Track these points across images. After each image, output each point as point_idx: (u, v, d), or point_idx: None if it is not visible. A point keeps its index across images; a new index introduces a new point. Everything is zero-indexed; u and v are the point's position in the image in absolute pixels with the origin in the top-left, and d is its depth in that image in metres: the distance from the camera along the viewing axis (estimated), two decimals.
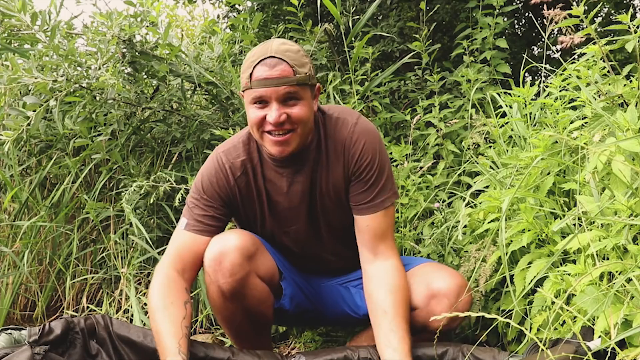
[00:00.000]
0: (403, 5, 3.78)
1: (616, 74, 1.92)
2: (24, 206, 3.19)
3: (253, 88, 1.59)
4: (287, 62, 1.57)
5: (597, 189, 1.59)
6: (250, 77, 1.59)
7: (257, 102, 1.61)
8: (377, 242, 1.74)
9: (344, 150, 1.74)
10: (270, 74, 1.56)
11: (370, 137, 1.75)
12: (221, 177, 1.76)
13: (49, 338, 1.59)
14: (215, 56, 3.22)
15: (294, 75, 1.58)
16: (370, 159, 1.73)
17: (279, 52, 1.58)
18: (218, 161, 1.78)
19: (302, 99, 1.61)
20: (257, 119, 1.62)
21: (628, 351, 1.21)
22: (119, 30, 2.81)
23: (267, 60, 1.57)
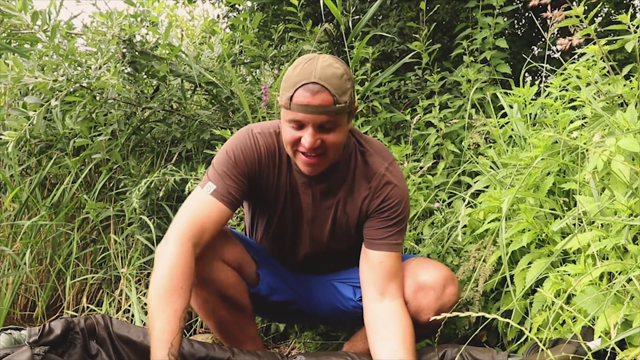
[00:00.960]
0: (403, 5, 3.78)
1: (616, 74, 1.92)
2: (24, 206, 3.19)
3: (292, 110, 1.56)
4: (330, 90, 1.54)
5: (597, 189, 1.59)
6: (290, 99, 1.56)
7: (293, 123, 1.59)
8: (388, 281, 1.71)
9: (371, 187, 1.73)
10: (310, 101, 1.53)
11: (399, 182, 1.75)
12: (254, 155, 1.71)
13: (49, 338, 1.59)
14: (215, 56, 3.22)
15: (334, 105, 1.55)
16: (398, 202, 1.73)
17: (323, 78, 1.54)
18: (253, 139, 1.73)
19: (338, 126, 1.60)
20: (292, 139, 1.61)
21: (628, 351, 1.21)
22: (119, 30, 2.81)
23: (310, 85, 1.53)
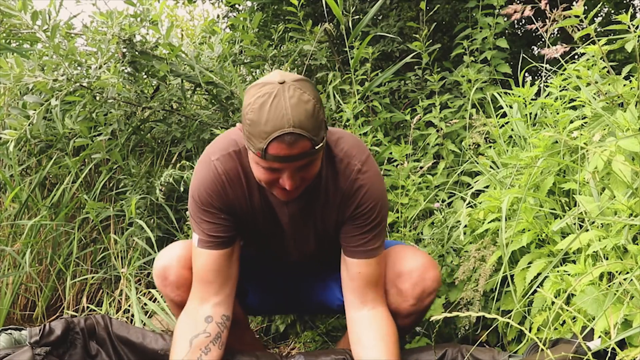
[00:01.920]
0: (403, 5, 3.78)
1: (617, 74, 1.92)
2: (24, 206, 3.19)
3: (267, 160, 1.43)
4: (306, 137, 1.40)
5: (597, 189, 1.59)
6: (264, 151, 1.41)
7: (269, 169, 1.47)
8: (368, 290, 1.67)
9: (343, 195, 1.64)
10: (288, 152, 1.40)
11: (372, 185, 1.64)
12: (218, 188, 1.61)
13: (49, 339, 1.59)
14: (215, 56, 3.22)
15: (312, 147, 1.43)
16: (371, 207, 1.63)
17: (297, 124, 1.37)
18: (213, 170, 1.61)
19: (316, 160, 1.50)
20: (269, 180, 1.50)
21: (628, 351, 1.21)
22: (119, 29, 2.81)
23: (286, 137, 1.38)
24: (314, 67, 3.52)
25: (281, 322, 2.52)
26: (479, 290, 1.91)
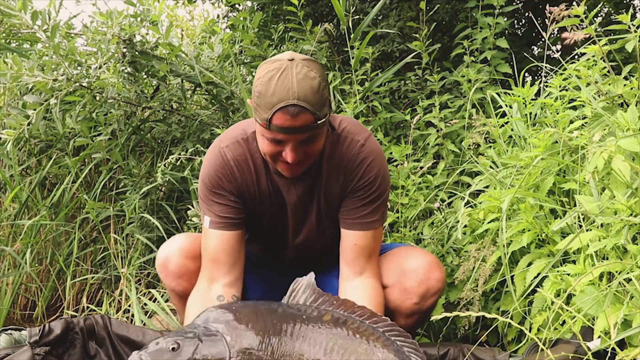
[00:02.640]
0: (403, 5, 3.78)
1: (617, 74, 1.92)
2: (24, 206, 3.19)
3: (271, 130, 1.50)
4: (309, 110, 1.47)
5: (597, 189, 1.59)
6: (269, 121, 1.49)
7: (273, 141, 1.54)
8: (362, 261, 1.71)
9: (346, 171, 1.69)
10: (291, 123, 1.48)
11: (375, 158, 1.69)
12: (227, 172, 1.68)
13: (49, 338, 1.59)
14: (215, 56, 3.22)
15: (315, 121, 1.50)
16: (372, 180, 1.68)
17: (302, 97, 1.46)
18: (222, 157, 1.69)
19: (319, 136, 1.57)
20: (273, 153, 1.56)
21: (628, 351, 1.21)
22: (119, 29, 2.81)
23: (290, 108, 1.46)
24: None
25: None
26: (479, 290, 1.91)
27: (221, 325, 1.43)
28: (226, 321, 1.43)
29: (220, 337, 1.40)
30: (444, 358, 1.63)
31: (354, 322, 1.48)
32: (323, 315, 1.48)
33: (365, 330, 1.47)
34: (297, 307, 1.49)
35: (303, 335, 1.43)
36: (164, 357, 1.35)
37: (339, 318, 1.47)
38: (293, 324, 1.45)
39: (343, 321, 1.47)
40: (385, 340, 1.46)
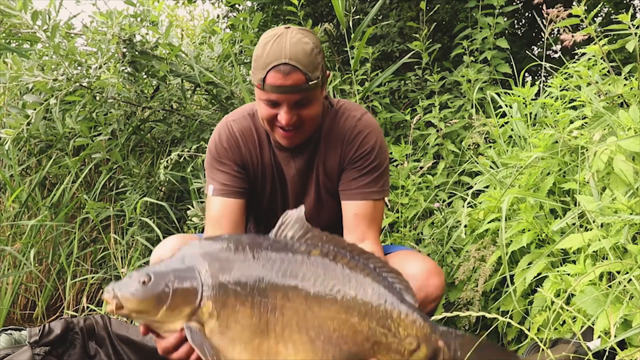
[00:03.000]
0: (403, 5, 3.78)
1: (617, 74, 1.92)
2: (24, 206, 3.19)
3: (266, 91, 1.61)
4: (301, 69, 1.57)
5: (597, 188, 1.59)
6: (263, 80, 1.60)
7: (268, 103, 1.64)
8: (363, 229, 1.73)
9: (343, 142, 1.76)
10: (283, 82, 1.58)
11: (372, 130, 1.77)
12: (232, 144, 1.78)
13: (49, 338, 1.59)
14: (215, 56, 3.22)
15: (307, 82, 1.59)
16: (369, 150, 1.75)
17: (293, 58, 1.57)
18: (229, 129, 1.80)
19: (312, 100, 1.64)
20: (269, 116, 1.65)
21: (628, 351, 1.21)
22: (119, 29, 2.81)
23: (281, 67, 1.57)
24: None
25: None
26: (479, 290, 1.91)
27: (197, 259, 1.36)
28: (202, 254, 1.36)
29: (194, 270, 1.34)
30: None
31: (343, 257, 1.41)
32: (311, 249, 1.40)
33: (356, 266, 1.40)
34: (284, 241, 1.41)
35: (288, 270, 1.36)
36: (134, 289, 1.30)
37: (328, 253, 1.40)
38: (278, 258, 1.37)
39: (333, 256, 1.40)
40: (376, 276, 1.40)
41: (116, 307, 1.32)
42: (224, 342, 1.33)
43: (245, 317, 1.32)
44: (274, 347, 1.33)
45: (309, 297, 1.35)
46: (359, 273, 1.40)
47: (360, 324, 1.36)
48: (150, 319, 1.34)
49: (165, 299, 1.31)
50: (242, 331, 1.33)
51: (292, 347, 1.33)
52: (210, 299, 1.32)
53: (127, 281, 1.34)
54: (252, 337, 1.33)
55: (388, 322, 1.37)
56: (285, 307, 1.34)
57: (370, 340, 1.37)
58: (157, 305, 1.31)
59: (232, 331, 1.33)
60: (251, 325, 1.32)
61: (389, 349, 1.38)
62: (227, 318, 1.32)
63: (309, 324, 1.34)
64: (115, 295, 1.32)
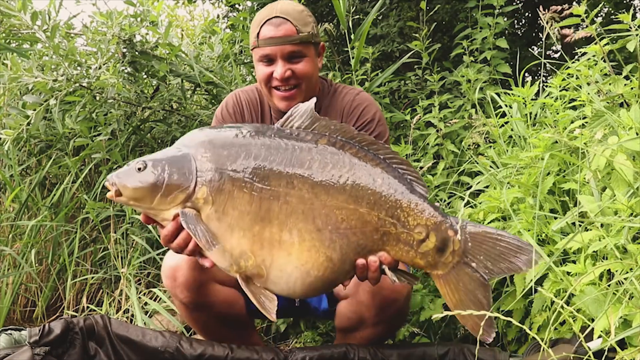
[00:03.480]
0: (403, 5, 3.78)
1: (617, 74, 1.92)
2: (24, 206, 3.19)
3: (260, 47, 1.71)
4: (291, 21, 1.70)
5: (597, 188, 1.58)
6: (257, 36, 1.71)
7: (264, 59, 1.72)
8: None
9: (343, 115, 1.82)
10: (275, 33, 1.69)
11: (371, 103, 1.84)
12: (237, 109, 1.87)
13: (48, 338, 1.59)
14: (215, 56, 3.22)
15: (297, 34, 1.70)
16: (370, 120, 1.81)
17: (284, 12, 1.70)
18: (237, 97, 1.90)
19: (306, 56, 1.73)
20: (265, 75, 1.73)
21: (628, 351, 1.21)
22: (119, 30, 2.81)
23: (273, 20, 1.70)
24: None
25: (282, 322, 2.52)
26: None
27: (194, 146, 1.35)
28: (200, 142, 1.35)
29: (189, 157, 1.33)
30: (444, 358, 1.63)
31: (352, 147, 1.38)
32: (318, 139, 1.37)
33: (365, 156, 1.37)
34: (290, 130, 1.38)
35: (293, 158, 1.33)
36: (130, 176, 1.32)
37: (335, 142, 1.37)
38: (282, 145, 1.34)
39: (340, 145, 1.37)
40: (386, 166, 1.37)
41: (115, 194, 1.35)
42: (221, 228, 1.31)
43: (243, 203, 1.30)
44: (276, 234, 1.30)
45: (315, 186, 1.31)
46: (368, 163, 1.37)
47: (369, 214, 1.33)
48: (147, 207, 1.34)
49: (159, 185, 1.31)
50: (241, 217, 1.30)
51: (297, 235, 1.30)
52: (204, 185, 1.31)
53: (126, 169, 1.36)
54: (251, 224, 1.30)
55: (397, 212, 1.34)
56: (290, 194, 1.30)
57: (379, 231, 1.34)
58: (151, 192, 1.32)
59: (230, 217, 1.30)
60: (250, 212, 1.30)
61: (397, 239, 1.35)
62: (223, 204, 1.30)
63: (315, 212, 1.31)
64: (114, 183, 1.34)
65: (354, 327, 1.75)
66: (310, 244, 1.30)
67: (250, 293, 1.33)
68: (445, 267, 1.36)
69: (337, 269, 1.34)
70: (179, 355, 1.63)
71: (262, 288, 1.34)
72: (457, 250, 1.35)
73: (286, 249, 1.30)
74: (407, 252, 1.36)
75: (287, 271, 1.32)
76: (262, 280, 1.34)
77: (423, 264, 1.37)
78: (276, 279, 1.33)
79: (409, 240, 1.35)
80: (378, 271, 1.37)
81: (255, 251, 1.30)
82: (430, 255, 1.35)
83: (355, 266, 1.36)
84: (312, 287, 1.35)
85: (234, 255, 1.31)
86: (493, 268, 1.34)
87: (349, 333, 1.78)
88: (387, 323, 1.75)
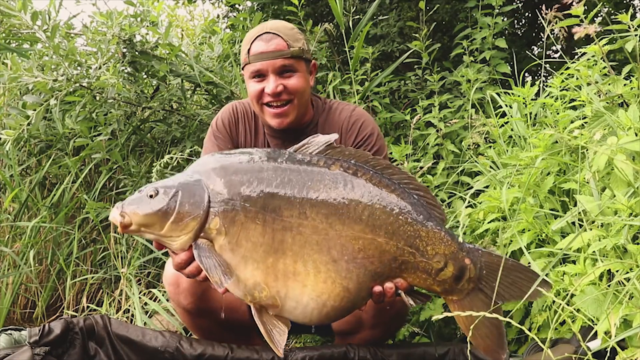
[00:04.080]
0: (403, 5, 3.78)
1: (617, 74, 1.92)
2: (23, 206, 3.19)
3: (251, 63, 1.71)
4: (282, 37, 1.70)
5: (597, 188, 1.58)
6: (248, 52, 1.71)
7: (255, 76, 1.72)
8: None
9: (342, 131, 1.81)
10: (266, 48, 1.69)
11: (367, 119, 1.84)
12: (232, 121, 1.87)
13: (48, 338, 1.59)
14: (215, 56, 3.22)
15: (288, 48, 1.70)
16: (369, 134, 1.80)
17: (274, 29, 1.71)
18: (232, 108, 1.89)
19: (297, 71, 1.72)
20: (256, 92, 1.72)
21: (629, 351, 1.21)
22: (119, 30, 2.81)
23: (263, 35, 1.70)
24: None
25: None
26: None
27: (206, 173, 1.33)
28: (212, 168, 1.33)
29: (201, 185, 1.31)
30: (444, 358, 1.63)
31: (366, 172, 1.34)
32: (331, 164, 1.34)
33: (380, 182, 1.34)
34: (303, 156, 1.35)
35: (305, 186, 1.29)
36: (140, 203, 1.30)
37: (349, 167, 1.34)
38: (294, 172, 1.31)
39: (353, 171, 1.33)
40: (402, 193, 1.34)
41: (124, 225, 1.31)
42: (234, 259, 1.30)
43: (256, 234, 1.28)
44: (290, 266, 1.29)
45: (330, 215, 1.29)
46: (384, 189, 1.34)
47: (387, 244, 1.32)
48: (158, 234, 1.32)
49: (170, 212, 1.29)
50: (254, 249, 1.29)
51: (312, 267, 1.29)
52: (217, 215, 1.29)
53: (136, 196, 1.34)
54: (265, 256, 1.29)
55: (416, 241, 1.33)
56: (303, 225, 1.29)
57: (397, 260, 1.33)
58: (162, 219, 1.30)
59: (243, 249, 1.29)
60: (263, 243, 1.28)
61: (416, 268, 1.34)
62: (236, 235, 1.29)
63: (331, 243, 1.29)
64: (123, 211, 1.31)
65: (352, 330, 1.75)
66: (326, 275, 1.30)
67: (261, 324, 1.32)
68: (460, 294, 1.38)
69: (354, 297, 1.34)
70: (179, 355, 1.63)
71: (274, 319, 1.34)
72: (473, 278, 1.37)
73: (301, 281, 1.30)
74: (425, 279, 1.37)
75: (302, 302, 1.31)
76: (277, 310, 1.34)
77: (439, 290, 1.38)
78: (291, 309, 1.33)
79: (428, 269, 1.35)
80: (394, 296, 1.37)
81: (269, 283, 1.30)
82: (447, 283, 1.37)
83: (371, 292, 1.36)
84: (329, 316, 1.35)
85: (248, 286, 1.31)
86: (504, 294, 1.36)
87: (347, 336, 1.78)
88: (385, 325, 1.75)
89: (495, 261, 1.35)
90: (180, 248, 1.33)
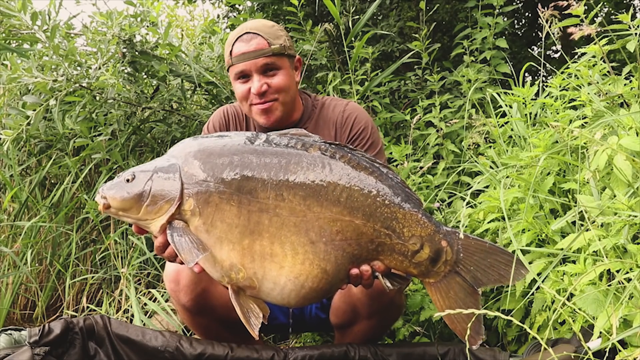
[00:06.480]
0: (403, 5, 3.78)
1: (617, 74, 1.92)
2: (23, 206, 3.19)
3: (234, 64, 1.73)
4: (262, 35, 1.71)
5: (597, 188, 1.58)
6: (230, 54, 1.73)
7: (240, 77, 1.74)
8: None
9: (336, 126, 1.82)
10: (247, 48, 1.71)
11: (361, 112, 1.84)
12: (223, 123, 1.89)
13: (48, 338, 1.59)
14: (215, 56, 3.22)
15: (269, 47, 1.71)
16: (363, 127, 1.81)
17: (254, 28, 1.72)
18: (224, 111, 1.92)
19: (280, 69, 1.73)
20: (242, 92, 1.74)
21: (629, 351, 1.21)
22: (119, 30, 2.80)
23: (243, 36, 1.72)
24: (314, 67, 3.52)
25: None
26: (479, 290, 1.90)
27: (181, 157, 1.35)
28: (188, 152, 1.35)
29: (175, 168, 1.33)
30: (444, 358, 1.63)
31: (344, 154, 1.34)
32: (309, 147, 1.34)
33: (358, 164, 1.34)
34: (281, 139, 1.35)
35: (282, 169, 1.29)
36: (118, 188, 1.34)
37: (327, 149, 1.33)
38: (271, 155, 1.31)
39: (331, 153, 1.33)
40: (380, 175, 1.35)
41: (104, 207, 1.36)
42: (210, 240, 1.31)
43: (231, 215, 1.29)
44: (267, 247, 1.29)
45: (307, 197, 1.30)
46: (362, 171, 1.34)
47: (365, 226, 1.32)
48: (134, 217, 1.35)
49: (145, 196, 1.32)
50: (229, 230, 1.30)
51: (290, 248, 1.29)
52: (191, 197, 1.31)
53: (116, 180, 1.37)
54: (241, 237, 1.29)
55: (393, 223, 1.33)
56: (280, 207, 1.29)
57: (374, 242, 1.34)
58: (138, 203, 1.33)
59: (219, 230, 1.30)
60: (239, 225, 1.29)
61: (392, 250, 1.35)
62: (211, 216, 1.30)
63: (308, 225, 1.30)
64: (104, 194, 1.35)
65: (349, 321, 1.76)
66: (304, 256, 1.30)
67: (237, 306, 1.32)
68: (437, 276, 1.38)
69: (332, 279, 1.34)
70: (179, 354, 1.63)
71: (251, 302, 1.34)
72: (450, 261, 1.37)
73: (278, 262, 1.30)
74: (401, 262, 1.37)
75: (280, 283, 1.32)
76: (254, 291, 1.34)
77: (416, 272, 1.38)
78: (269, 291, 1.33)
79: (404, 251, 1.35)
80: (371, 278, 1.38)
81: (245, 264, 1.30)
82: (423, 265, 1.37)
83: (349, 275, 1.36)
84: (307, 297, 1.35)
85: (225, 268, 1.31)
86: (482, 278, 1.37)
87: (345, 329, 1.79)
88: (381, 314, 1.75)
89: (473, 244, 1.36)
90: (157, 231, 1.35)
